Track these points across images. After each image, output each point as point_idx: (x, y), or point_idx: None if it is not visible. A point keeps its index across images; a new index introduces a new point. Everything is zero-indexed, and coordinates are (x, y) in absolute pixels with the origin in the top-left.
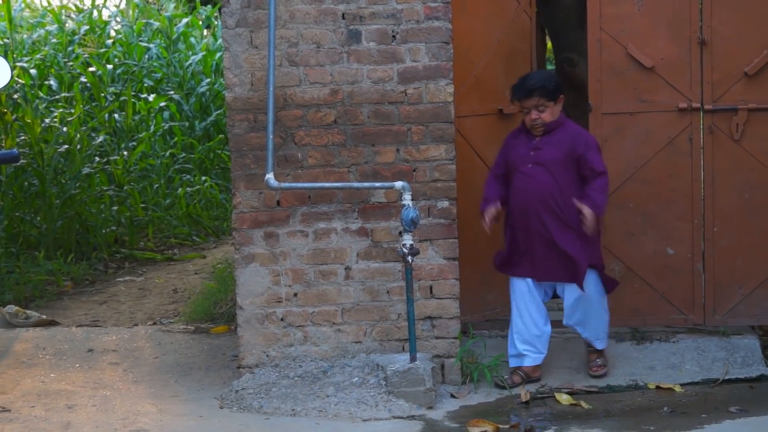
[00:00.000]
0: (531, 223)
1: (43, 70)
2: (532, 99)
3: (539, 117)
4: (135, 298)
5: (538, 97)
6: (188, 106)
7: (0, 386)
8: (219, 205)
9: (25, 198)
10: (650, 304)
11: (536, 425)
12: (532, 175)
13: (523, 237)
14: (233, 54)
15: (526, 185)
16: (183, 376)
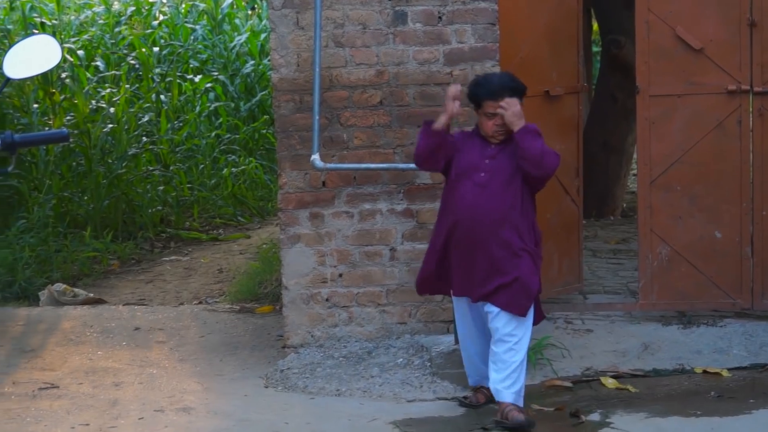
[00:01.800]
0: (477, 239)
1: (90, 51)
2: (499, 101)
3: (504, 123)
4: (181, 278)
5: (509, 98)
6: (233, 87)
7: (48, 363)
8: (264, 186)
9: (73, 178)
10: (697, 288)
11: (581, 408)
12: (486, 185)
13: (462, 253)
14: (279, 35)
15: (478, 197)
16: (228, 355)
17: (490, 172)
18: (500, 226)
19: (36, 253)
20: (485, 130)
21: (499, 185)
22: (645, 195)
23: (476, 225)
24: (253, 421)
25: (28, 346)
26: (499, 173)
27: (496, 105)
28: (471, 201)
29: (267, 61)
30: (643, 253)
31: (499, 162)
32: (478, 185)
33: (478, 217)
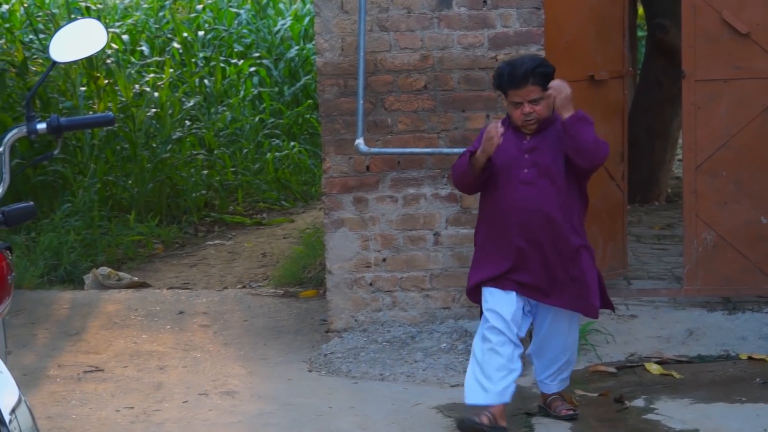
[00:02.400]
0: (533, 242)
1: (134, 35)
2: (525, 88)
3: (533, 111)
4: (224, 262)
5: (533, 86)
6: (277, 72)
7: (93, 346)
8: (307, 170)
9: (117, 162)
10: (742, 274)
11: (626, 394)
12: (533, 183)
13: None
14: (324, 19)
15: (527, 195)
16: (272, 339)
17: (533, 168)
18: (556, 227)
19: (81, 237)
20: (514, 120)
21: (547, 182)
22: (690, 180)
23: (530, 227)
24: (297, 405)
25: (73, 329)
26: (544, 169)
27: (522, 94)
28: (520, 201)
29: (311, 45)
30: (688, 239)
31: (540, 156)
32: (523, 183)
33: (531, 219)
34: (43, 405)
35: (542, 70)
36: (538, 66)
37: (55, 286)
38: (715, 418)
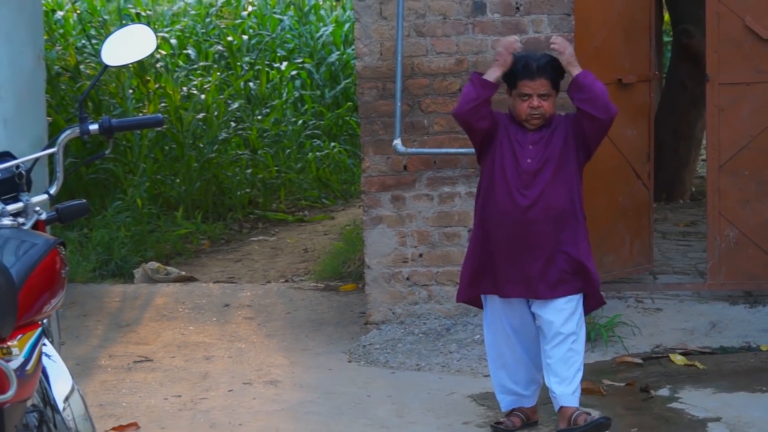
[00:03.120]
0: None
1: (182, 40)
2: (539, 80)
3: (541, 106)
4: (268, 257)
5: (546, 80)
6: (319, 75)
7: (143, 337)
8: (347, 170)
9: (166, 161)
10: (764, 269)
11: (651, 384)
12: (536, 174)
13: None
14: (363, 25)
15: (528, 186)
16: (313, 331)
17: (536, 158)
18: (558, 217)
19: (131, 233)
20: (519, 113)
21: (550, 173)
22: (714, 179)
23: (529, 216)
24: (337, 394)
25: (123, 321)
26: (548, 159)
27: (533, 86)
28: (519, 191)
29: (351, 50)
30: (711, 236)
31: (544, 148)
32: (525, 173)
33: (527, 210)
34: (95, 393)
35: (556, 67)
36: (554, 62)
37: (106, 280)
38: (737, 406)
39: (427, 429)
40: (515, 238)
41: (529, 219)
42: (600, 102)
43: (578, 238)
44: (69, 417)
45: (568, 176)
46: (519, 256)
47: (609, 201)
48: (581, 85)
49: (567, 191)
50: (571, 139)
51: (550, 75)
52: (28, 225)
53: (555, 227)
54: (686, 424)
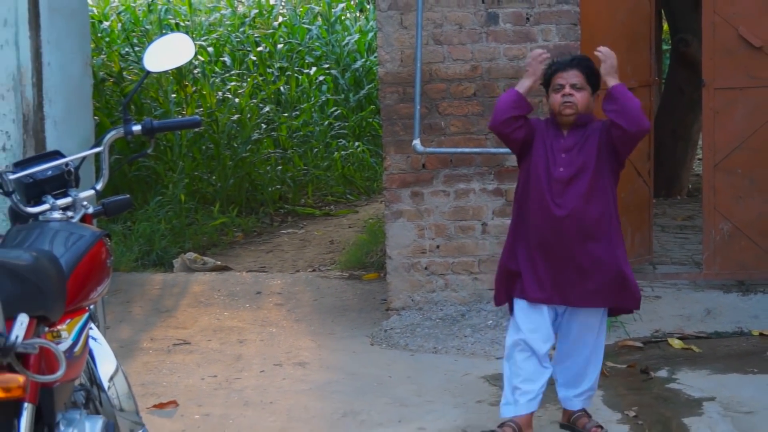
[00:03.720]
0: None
1: (218, 48)
2: (571, 71)
3: (573, 95)
4: (296, 248)
5: (577, 71)
6: (344, 81)
7: (181, 322)
8: (370, 168)
9: (203, 160)
10: (755, 260)
11: (651, 366)
12: (568, 182)
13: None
14: (385, 34)
15: (559, 195)
16: (338, 317)
17: (568, 167)
18: (591, 228)
19: (170, 226)
20: (554, 106)
21: (583, 183)
22: (709, 177)
23: (559, 228)
24: (361, 375)
25: (163, 307)
26: (581, 169)
27: (566, 76)
28: (552, 201)
29: (374, 57)
30: (707, 229)
31: (576, 155)
32: (558, 181)
33: (561, 220)
34: (138, 373)
35: (590, 64)
36: (587, 60)
37: (147, 269)
38: (730, 387)
39: (444, 407)
40: (548, 246)
41: (561, 229)
42: (631, 114)
43: (613, 247)
44: (113, 395)
45: (602, 186)
46: (551, 264)
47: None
48: (614, 96)
49: (601, 202)
50: (605, 146)
51: (583, 68)
52: (76, 218)
53: (588, 238)
54: (683, 403)
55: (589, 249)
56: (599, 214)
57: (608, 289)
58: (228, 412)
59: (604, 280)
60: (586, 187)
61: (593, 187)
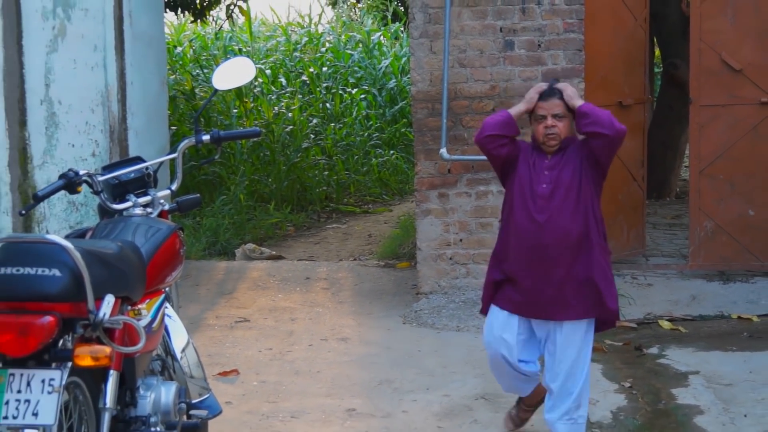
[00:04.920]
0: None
1: (274, 70)
2: (552, 101)
3: (555, 126)
4: (340, 241)
5: (558, 100)
6: (381, 98)
7: (242, 303)
8: (402, 172)
9: (260, 165)
10: (734, 254)
11: (643, 344)
12: (550, 197)
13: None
14: (417, 58)
15: (543, 211)
16: (375, 299)
17: (551, 183)
18: (573, 242)
19: (233, 221)
20: (538, 136)
21: (564, 198)
22: (695, 182)
23: (541, 242)
24: (394, 349)
25: (226, 289)
26: (562, 183)
27: (547, 107)
28: (533, 217)
29: (407, 78)
30: (692, 227)
31: (559, 172)
32: (541, 197)
33: (542, 235)
34: (205, 346)
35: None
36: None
37: (213, 257)
38: (713, 362)
39: (465, 377)
40: (531, 259)
41: (543, 243)
42: (606, 122)
43: (593, 262)
44: (185, 364)
45: (584, 201)
46: (534, 277)
47: (611, 198)
48: (585, 112)
49: (583, 217)
50: (585, 160)
51: (563, 97)
52: (154, 214)
53: (570, 252)
54: (671, 376)
55: (569, 262)
56: (581, 228)
57: (586, 303)
58: (281, 379)
59: (583, 293)
60: (568, 203)
61: (576, 202)
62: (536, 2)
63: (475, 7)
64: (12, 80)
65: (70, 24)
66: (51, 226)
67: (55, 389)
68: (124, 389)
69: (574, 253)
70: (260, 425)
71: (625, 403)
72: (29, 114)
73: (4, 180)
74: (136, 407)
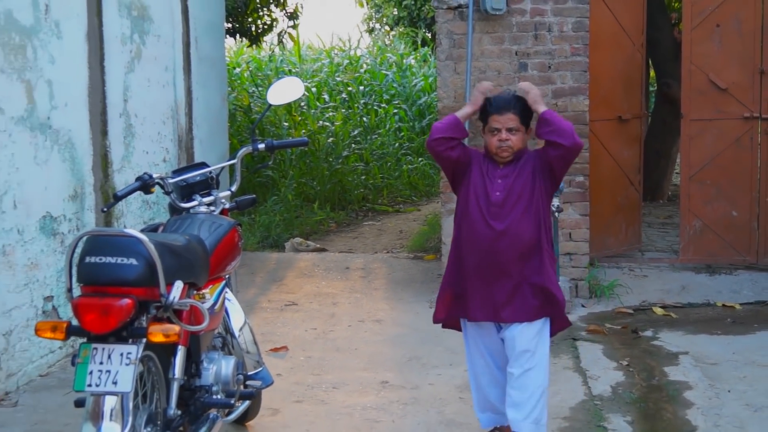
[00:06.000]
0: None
1: (319, 88)
2: (507, 115)
3: (509, 139)
4: (375, 236)
5: (512, 114)
6: (411, 112)
7: (291, 289)
8: (429, 177)
9: (307, 170)
10: (720, 249)
11: (639, 327)
12: (502, 205)
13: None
14: (443, 78)
15: (494, 218)
16: (406, 287)
17: (504, 191)
18: (524, 248)
19: (283, 218)
20: (491, 147)
21: (518, 206)
22: (685, 186)
23: (495, 247)
24: (422, 330)
25: (277, 277)
26: (516, 193)
27: (502, 120)
28: (489, 220)
29: (434, 95)
30: (683, 225)
31: (513, 181)
32: (493, 205)
33: (496, 240)
34: (258, 326)
35: (524, 105)
36: (521, 100)
37: (266, 249)
38: (700, 344)
39: None
40: (484, 265)
41: (497, 249)
42: (566, 132)
43: (543, 267)
44: (242, 341)
45: (536, 209)
46: (487, 283)
47: (611, 200)
48: (546, 119)
49: (534, 224)
50: (539, 171)
51: (518, 110)
52: (216, 211)
53: (521, 257)
54: (664, 355)
55: (520, 267)
56: (531, 234)
57: (536, 305)
58: (324, 355)
59: (534, 295)
60: (520, 210)
61: (527, 209)
62: (547, 29)
63: (494, 33)
64: (95, 96)
65: (144, 48)
66: (128, 222)
67: (131, 361)
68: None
69: (526, 259)
70: (306, 394)
71: (623, 379)
72: (110, 125)
73: (89, 181)
74: (201, 378)
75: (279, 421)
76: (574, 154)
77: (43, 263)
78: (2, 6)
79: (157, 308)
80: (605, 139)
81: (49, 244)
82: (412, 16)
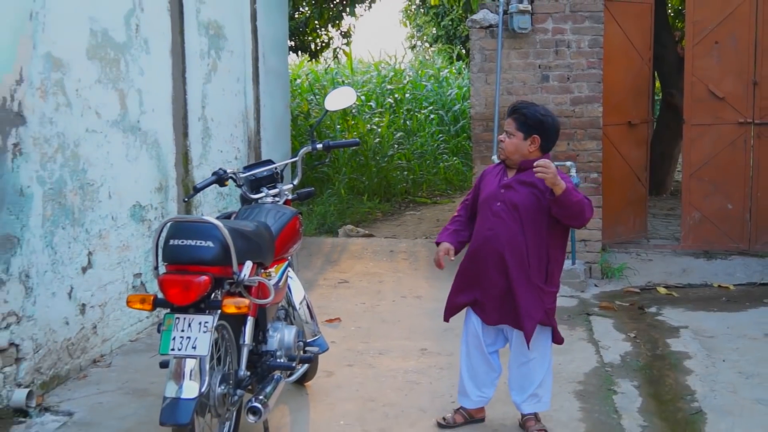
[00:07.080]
0: (489, 266)
1: (368, 96)
2: (507, 119)
3: (503, 142)
4: (415, 224)
5: (511, 119)
6: (447, 118)
7: (343, 268)
8: (462, 174)
9: (357, 167)
10: (716, 237)
11: (645, 304)
12: (499, 215)
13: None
14: (475, 88)
15: (493, 226)
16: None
17: (504, 202)
18: (509, 256)
19: (336, 208)
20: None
21: (510, 216)
22: (686, 182)
23: (489, 253)
24: None
25: (332, 259)
26: (512, 205)
27: (503, 124)
28: (488, 229)
29: (467, 102)
30: (684, 216)
31: (512, 194)
32: (494, 214)
33: (491, 246)
34: (316, 300)
35: (524, 112)
36: (522, 108)
37: (322, 235)
38: (698, 320)
39: None
40: (489, 269)
41: (493, 255)
42: (577, 218)
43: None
44: (302, 313)
45: (537, 229)
46: (493, 285)
47: (621, 194)
48: (561, 205)
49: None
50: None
51: (516, 118)
52: (280, 202)
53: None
54: (666, 329)
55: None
56: (528, 248)
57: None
58: (372, 326)
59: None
60: (518, 223)
61: (524, 223)
62: (566, 46)
63: (520, 49)
64: (178, 103)
65: (220, 62)
66: (205, 210)
67: (208, 329)
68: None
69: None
70: (356, 359)
71: (630, 349)
72: (190, 128)
73: (172, 176)
74: (267, 344)
75: (333, 382)
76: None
77: (133, 245)
78: (100, 26)
79: (230, 284)
80: (616, 141)
81: (138, 228)
82: (449, 35)
